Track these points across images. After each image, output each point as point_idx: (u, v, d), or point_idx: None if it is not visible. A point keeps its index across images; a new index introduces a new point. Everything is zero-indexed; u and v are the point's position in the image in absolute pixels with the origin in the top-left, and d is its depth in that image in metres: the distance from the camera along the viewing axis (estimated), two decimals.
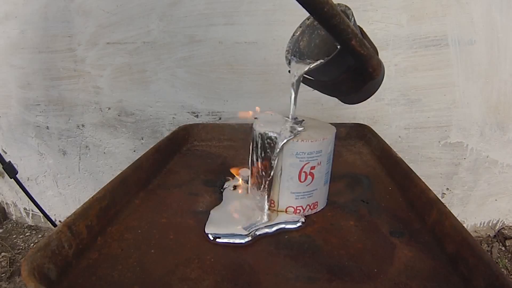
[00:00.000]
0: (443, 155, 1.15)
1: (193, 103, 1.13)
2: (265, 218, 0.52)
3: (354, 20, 0.47)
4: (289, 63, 0.56)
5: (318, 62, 0.49)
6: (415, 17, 0.99)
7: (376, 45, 0.52)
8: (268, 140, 0.51)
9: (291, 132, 0.51)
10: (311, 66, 0.50)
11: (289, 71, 0.56)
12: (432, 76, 1.05)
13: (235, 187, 0.62)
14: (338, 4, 0.49)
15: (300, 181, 0.52)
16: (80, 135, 1.22)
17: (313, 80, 0.56)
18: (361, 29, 0.51)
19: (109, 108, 1.17)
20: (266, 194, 0.53)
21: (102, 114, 1.18)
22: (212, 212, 0.54)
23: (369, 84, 0.50)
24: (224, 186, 0.63)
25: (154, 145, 0.71)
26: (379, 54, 0.54)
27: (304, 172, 0.52)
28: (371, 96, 0.54)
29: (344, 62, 0.48)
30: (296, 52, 0.56)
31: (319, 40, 0.56)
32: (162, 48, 1.07)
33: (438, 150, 1.14)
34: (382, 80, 0.53)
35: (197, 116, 1.15)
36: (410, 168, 0.63)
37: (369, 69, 0.46)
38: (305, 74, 0.52)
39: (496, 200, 1.23)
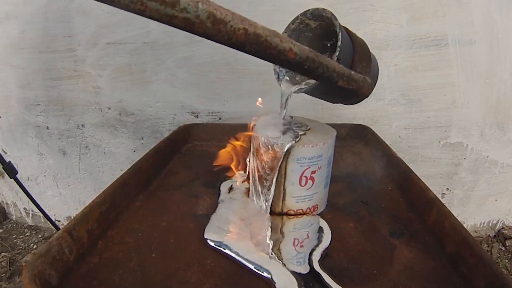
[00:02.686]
0: (443, 155, 1.15)
1: (193, 103, 1.13)
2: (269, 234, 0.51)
3: (340, 26, 0.47)
4: (278, 77, 0.56)
5: (307, 85, 0.50)
6: (415, 17, 0.99)
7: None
8: (269, 145, 0.51)
9: (293, 137, 0.51)
10: (300, 88, 0.51)
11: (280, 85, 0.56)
12: (432, 76, 1.05)
13: (230, 190, 0.62)
14: (324, 9, 0.50)
15: (301, 185, 0.52)
16: (80, 135, 1.22)
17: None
18: (348, 31, 0.51)
19: (109, 108, 1.17)
20: (266, 198, 0.53)
21: (102, 114, 1.18)
22: (212, 217, 0.53)
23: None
24: (221, 188, 0.63)
25: (154, 146, 0.71)
26: (375, 59, 0.54)
27: (305, 176, 0.52)
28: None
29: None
30: None
31: (307, 43, 0.56)
32: (162, 48, 1.07)
33: (438, 150, 1.14)
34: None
35: (197, 116, 1.15)
36: (410, 169, 0.63)
37: (359, 96, 0.48)
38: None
39: (496, 200, 1.23)
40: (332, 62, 0.41)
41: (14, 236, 1.36)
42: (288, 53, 0.35)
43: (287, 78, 0.55)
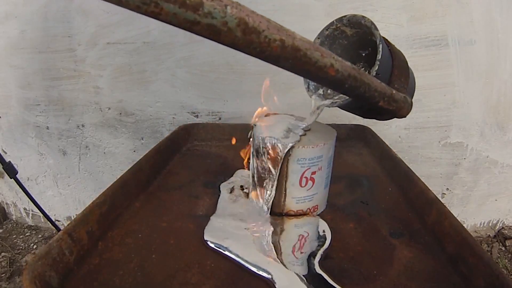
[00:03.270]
0: (443, 155, 1.15)
1: (193, 103, 1.13)
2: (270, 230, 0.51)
3: (381, 38, 0.44)
4: (308, 87, 0.54)
5: (340, 99, 0.48)
6: (415, 17, 0.99)
7: None
8: (270, 146, 0.51)
9: (294, 138, 0.51)
10: (334, 102, 0.49)
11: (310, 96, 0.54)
12: (432, 76, 1.05)
13: (230, 190, 0.62)
14: (363, 17, 0.47)
15: (301, 186, 0.52)
16: (80, 135, 1.22)
17: None
18: (387, 43, 0.48)
19: (109, 108, 1.17)
20: (266, 199, 0.53)
21: (102, 114, 1.18)
22: (212, 218, 0.53)
23: None
24: (221, 188, 0.63)
25: (154, 146, 0.71)
26: (412, 73, 0.51)
27: (305, 177, 0.52)
28: None
29: None
30: None
31: (341, 50, 0.54)
32: (162, 48, 1.07)
33: (438, 150, 1.15)
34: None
35: (197, 116, 1.15)
36: (410, 169, 0.63)
37: (397, 117, 0.45)
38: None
39: (496, 200, 1.23)
40: (374, 80, 0.37)
41: (14, 236, 1.36)
42: (328, 70, 0.30)
43: (320, 92, 0.53)
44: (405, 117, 0.47)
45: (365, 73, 0.36)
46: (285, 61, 0.29)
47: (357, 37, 0.51)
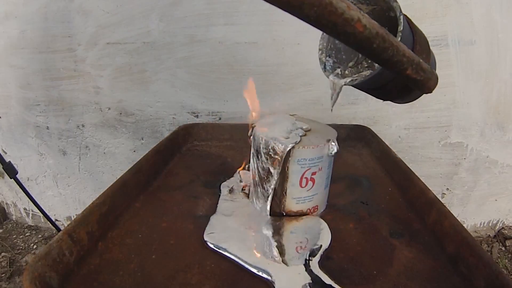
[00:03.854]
0: (443, 155, 1.15)
1: (193, 103, 1.13)
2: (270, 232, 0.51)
3: (401, 10, 0.40)
4: (324, 67, 0.51)
5: (360, 77, 0.44)
6: (415, 17, 0.97)
7: None
8: (270, 146, 0.51)
9: (294, 138, 0.51)
10: (353, 79, 0.45)
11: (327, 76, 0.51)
12: None
13: (230, 191, 0.62)
14: None
15: (301, 187, 0.52)
16: (80, 135, 1.22)
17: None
18: (408, 19, 0.44)
19: (109, 108, 1.17)
20: (266, 199, 0.53)
21: (102, 114, 1.18)
22: (212, 218, 0.53)
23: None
24: (221, 189, 0.63)
25: (154, 146, 0.71)
26: (433, 53, 0.48)
27: (305, 178, 0.52)
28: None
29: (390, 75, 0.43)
30: (331, 50, 0.50)
31: None
32: (162, 48, 1.07)
33: (438, 150, 1.15)
34: None
35: (197, 116, 1.15)
36: (410, 169, 0.63)
37: (425, 90, 0.41)
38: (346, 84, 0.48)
39: (496, 200, 1.23)
40: (401, 44, 0.33)
41: (14, 236, 1.36)
42: (356, 25, 0.26)
43: (338, 71, 0.50)
44: (431, 91, 0.42)
45: (392, 35, 0.32)
46: (309, 8, 0.24)
47: (373, 16, 0.46)
